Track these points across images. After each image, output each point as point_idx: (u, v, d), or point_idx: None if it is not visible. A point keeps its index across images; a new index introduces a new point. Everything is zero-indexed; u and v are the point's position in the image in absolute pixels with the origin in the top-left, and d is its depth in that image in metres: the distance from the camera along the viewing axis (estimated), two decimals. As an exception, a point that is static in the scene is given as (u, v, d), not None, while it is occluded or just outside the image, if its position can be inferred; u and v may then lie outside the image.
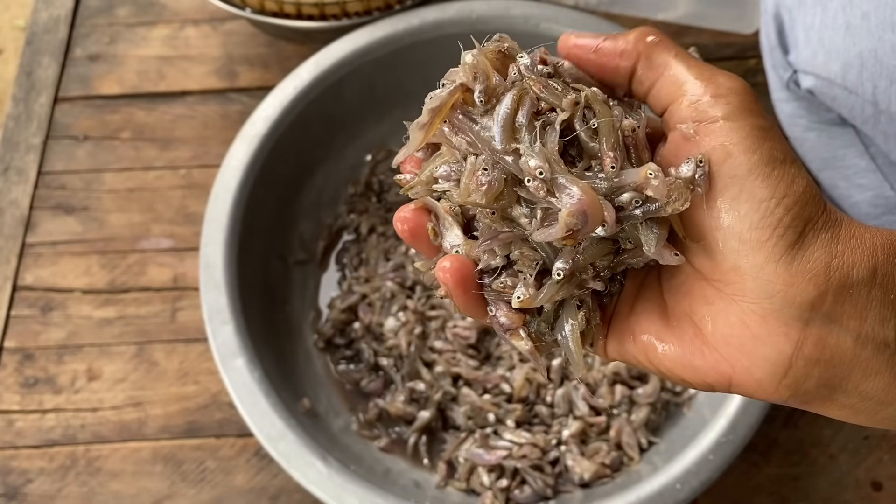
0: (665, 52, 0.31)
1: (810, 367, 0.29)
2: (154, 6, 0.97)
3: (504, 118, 0.31)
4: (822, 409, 0.31)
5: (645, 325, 0.32)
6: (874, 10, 0.54)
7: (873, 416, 0.30)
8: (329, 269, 0.79)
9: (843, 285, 0.28)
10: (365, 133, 0.83)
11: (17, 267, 0.82)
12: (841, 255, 0.29)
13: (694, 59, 0.32)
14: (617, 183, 0.30)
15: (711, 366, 0.30)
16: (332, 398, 0.72)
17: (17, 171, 0.87)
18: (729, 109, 0.29)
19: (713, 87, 0.30)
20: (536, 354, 0.33)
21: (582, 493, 0.66)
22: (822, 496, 0.71)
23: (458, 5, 0.78)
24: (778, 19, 0.62)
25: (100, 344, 0.78)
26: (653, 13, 0.89)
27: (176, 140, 0.88)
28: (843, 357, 0.29)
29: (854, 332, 0.29)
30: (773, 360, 0.29)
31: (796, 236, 0.28)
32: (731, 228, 0.29)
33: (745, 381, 0.30)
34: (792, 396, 0.30)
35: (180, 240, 0.83)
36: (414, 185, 0.33)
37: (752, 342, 0.29)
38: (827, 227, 0.29)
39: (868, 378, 0.29)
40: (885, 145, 0.60)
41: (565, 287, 0.31)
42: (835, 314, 0.29)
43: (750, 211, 0.28)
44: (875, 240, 0.29)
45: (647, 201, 0.29)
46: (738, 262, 0.29)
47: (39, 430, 0.74)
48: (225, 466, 0.73)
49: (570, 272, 0.30)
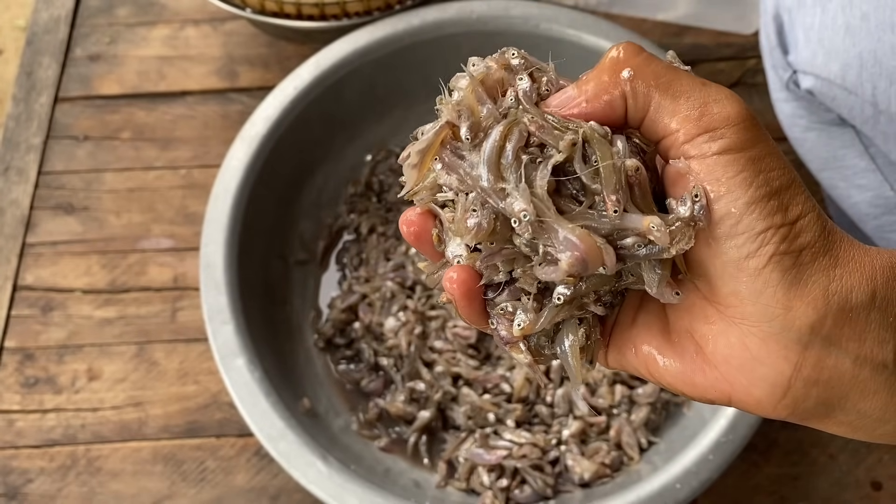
0: (645, 86, 0.30)
1: (809, 387, 0.29)
2: (154, 6, 0.97)
3: (489, 156, 0.30)
4: (821, 425, 0.31)
5: (646, 338, 0.33)
6: (874, 11, 0.54)
7: (871, 433, 0.31)
8: (329, 268, 0.79)
9: (841, 308, 0.29)
10: (365, 133, 0.83)
11: (17, 267, 0.82)
12: (839, 278, 0.29)
13: (680, 84, 0.30)
14: (619, 225, 0.29)
15: (711, 384, 0.31)
16: (333, 398, 0.72)
17: (17, 170, 0.87)
18: (724, 143, 0.29)
19: (706, 121, 0.29)
20: (535, 367, 0.32)
21: (582, 493, 0.66)
22: (821, 496, 0.71)
23: (458, 5, 0.78)
24: (778, 20, 0.62)
25: (100, 344, 0.78)
26: (652, 13, 0.89)
27: (176, 140, 0.89)
28: (841, 378, 0.29)
29: (853, 354, 0.29)
30: (772, 380, 0.29)
31: (792, 262, 0.29)
32: (728, 257, 0.29)
33: (744, 400, 0.30)
34: (791, 415, 0.30)
35: (180, 240, 0.83)
36: (418, 190, 0.33)
37: (752, 363, 0.29)
38: (825, 250, 0.29)
39: (866, 398, 0.30)
40: (885, 145, 0.60)
41: (565, 310, 0.31)
42: (834, 337, 0.29)
43: (747, 241, 0.28)
44: (874, 262, 0.30)
45: (650, 244, 0.29)
46: (737, 287, 0.29)
47: (40, 429, 0.75)
48: (225, 466, 0.73)
49: (570, 298, 0.30)
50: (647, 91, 0.30)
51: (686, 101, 0.29)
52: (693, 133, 0.29)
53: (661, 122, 0.30)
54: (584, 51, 0.76)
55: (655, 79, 0.30)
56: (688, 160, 0.29)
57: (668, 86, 0.30)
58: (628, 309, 0.34)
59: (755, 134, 0.29)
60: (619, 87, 0.30)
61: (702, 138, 0.29)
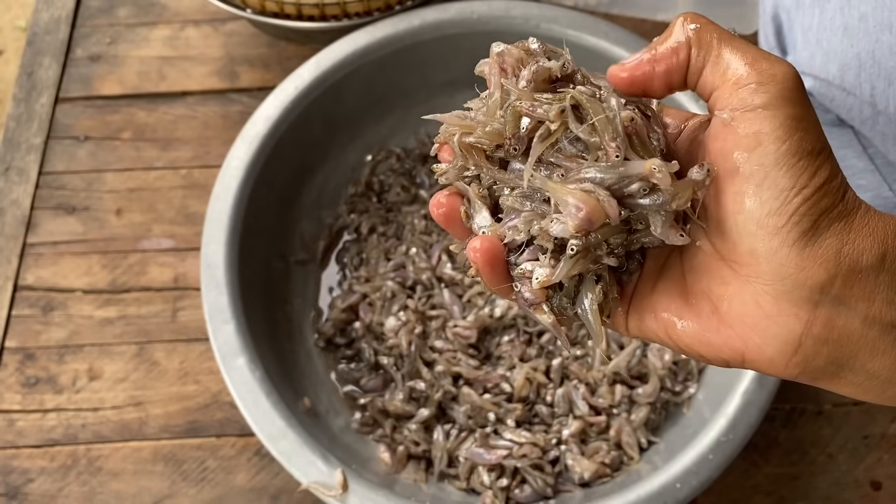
0: (709, 36, 0.32)
1: (819, 345, 0.31)
2: (155, 7, 0.97)
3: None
4: (831, 385, 0.32)
5: (665, 304, 0.34)
6: (872, 12, 0.54)
7: (881, 394, 0.32)
8: (330, 268, 0.80)
9: (852, 270, 0.30)
10: (365, 133, 0.83)
11: (18, 267, 0.82)
12: (852, 241, 0.30)
13: (738, 42, 0.32)
14: (623, 172, 0.31)
15: (726, 342, 0.32)
16: (333, 397, 0.72)
17: (18, 171, 0.87)
18: (767, 98, 0.30)
19: (755, 74, 0.31)
20: (559, 327, 0.34)
21: (582, 493, 0.66)
22: (821, 495, 0.71)
23: (458, 6, 0.78)
24: (776, 20, 0.62)
25: (101, 344, 0.78)
26: (652, 14, 0.89)
27: (177, 140, 0.89)
28: (850, 337, 0.31)
29: (862, 313, 0.30)
30: (783, 338, 0.31)
31: (811, 224, 0.30)
32: (751, 213, 0.30)
33: (757, 358, 0.31)
34: (802, 373, 0.31)
35: (181, 240, 0.83)
36: (447, 171, 0.36)
37: (765, 321, 0.31)
38: (841, 216, 0.30)
39: (875, 357, 0.31)
40: (884, 146, 0.60)
41: (581, 262, 0.33)
42: (843, 297, 0.30)
43: (771, 198, 0.30)
44: (887, 228, 0.31)
45: (654, 190, 0.31)
46: (754, 245, 0.30)
47: (40, 429, 0.75)
48: (226, 466, 0.73)
49: (583, 248, 0.32)
50: (711, 41, 0.32)
51: (742, 56, 0.31)
52: (741, 82, 0.31)
53: (717, 72, 0.32)
54: (584, 51, 0.76)
55: (719, 33, 0.32)
56: (732, 112, 0.31)
57: (729, 40, 0.32)
58: (647, 278, 0.35)
59: (797, 96, 0.31)
60: (686, 35, 0.32)
61: (749, 89, 0.31)
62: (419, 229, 0.79)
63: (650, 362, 0.70)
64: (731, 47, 0.32)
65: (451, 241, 0.76)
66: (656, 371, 0.70)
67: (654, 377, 0.70)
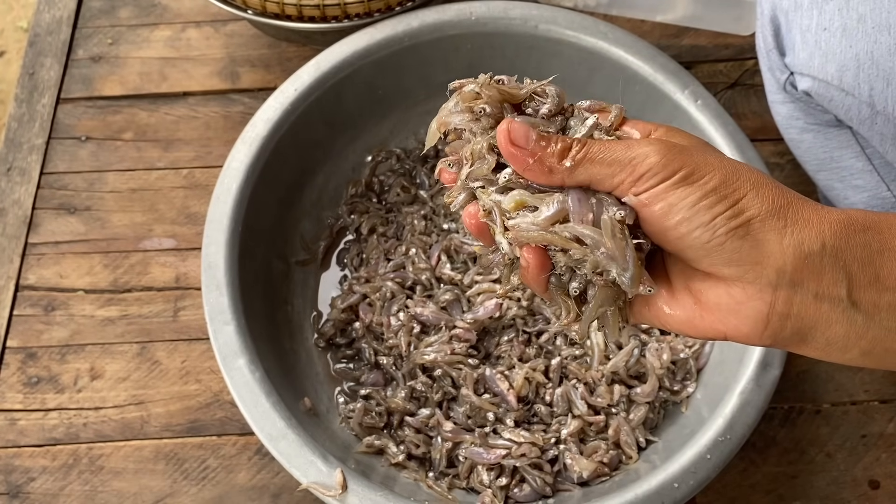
0: (584, 171, 0.38)
1: (783, 320, 0.37)
2: (156, 8, 0.97)
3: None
4: (800, 350, 0.39)
5: (655, 298, 0.41)
6: (870, 13, 0.54)
7: (842, 356, 0.38)
8: (330, 269, 0.80)
9: (797, 256, 0.36)
10: (365, 134, 0.83)
11: (20, 267, 0.82)
12: (791, 234, 0.37)
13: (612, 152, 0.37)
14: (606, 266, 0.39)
15: (709, 325, 0.39)
16: (333, 397, 0.73)
17: (19, 171, 0.87)
18: (656, 179, 0.36)
19: (637, 174, 0.37)
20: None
21: (580, 492, 0.67)
22: (819, 494, 0.71)
23: (457, 7, 0.78)
24: (774, 22, 0.62)
25: (102, 343, 0.79)
26: (651, 14, 0.89)
27: (178, 141, 0.89)
28: (806, 311, 0.37)
29: (812, 291, 0.37)
30: (753, 318, 0.37)
31: (746, 231, 0.36)
32: (695, 247, 0.37)
33: (735, 335, 0.38)
34: (774, 343, 0.38)
35: (182, 240, 0.84)
36: (454, 195, 0.41)
37: (738, 306, 0.38)
38: (775, 215, 0.37)
39: (830, 327, 0.37)
40: (882, 146, 0.60)
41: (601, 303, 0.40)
42: (796, 279, 0.37)
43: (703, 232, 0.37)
44: (823, 219, 0.37)
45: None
46: (711, 261, 0.37)
47: (42, 428, 0.75)
48: (226, 465, 0.73)
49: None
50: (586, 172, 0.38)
51: (620, 168, 0.37)
52: (630, 183, 0.37)
53: (604, 185, 0.38)
54: (582, 52, 0.77)
55: (585, 156, 0.38)
56: (636, 196, 0.37)
57: (602, 160, 0.38)
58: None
59: (680, 161, 0.37)
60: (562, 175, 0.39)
61: (639, 184, 0.37)
62: (419, 230, 0.79)
63: (648, 362, 0.71)
64: (608, 164, 0.38)
65: (452, 241, 0.76)
66: (654, 371, 0.70)
67: (653, 377, 0.70)
